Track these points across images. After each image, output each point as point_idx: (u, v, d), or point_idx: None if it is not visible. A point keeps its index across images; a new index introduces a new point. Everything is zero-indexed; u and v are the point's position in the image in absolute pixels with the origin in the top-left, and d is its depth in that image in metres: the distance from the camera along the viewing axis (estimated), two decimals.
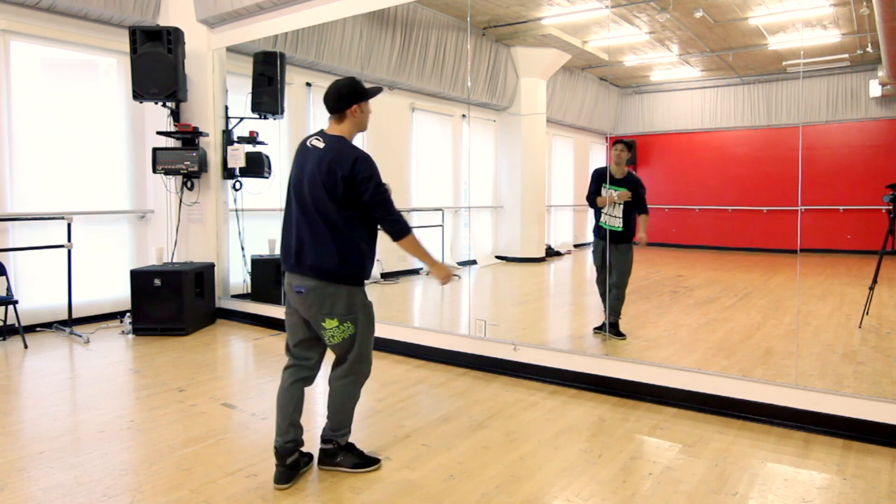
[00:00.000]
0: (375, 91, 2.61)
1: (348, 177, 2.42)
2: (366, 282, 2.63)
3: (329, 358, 2.71)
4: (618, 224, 4.81)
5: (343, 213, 2.46)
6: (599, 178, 4.91)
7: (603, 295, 4.91)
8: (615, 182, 4.82)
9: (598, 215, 4.93)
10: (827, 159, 7.27)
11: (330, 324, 2.49)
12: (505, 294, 7.55)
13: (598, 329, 4.94)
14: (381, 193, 2.48)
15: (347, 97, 2.53)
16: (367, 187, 2.44)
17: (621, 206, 4.80)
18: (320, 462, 2.69)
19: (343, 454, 2.67)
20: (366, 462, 2.69)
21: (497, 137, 9.22)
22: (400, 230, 2.52)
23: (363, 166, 2.44)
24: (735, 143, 7.98)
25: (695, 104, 8.22)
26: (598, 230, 4.93)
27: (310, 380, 2.67)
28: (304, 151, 2.57)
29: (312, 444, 2.84)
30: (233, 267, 6.28)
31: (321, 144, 2.51)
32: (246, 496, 2.46)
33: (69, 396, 3.70)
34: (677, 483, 2.57)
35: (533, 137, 8.75)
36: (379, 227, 2.58)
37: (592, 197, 4.95)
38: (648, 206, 4.91)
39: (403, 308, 6.63)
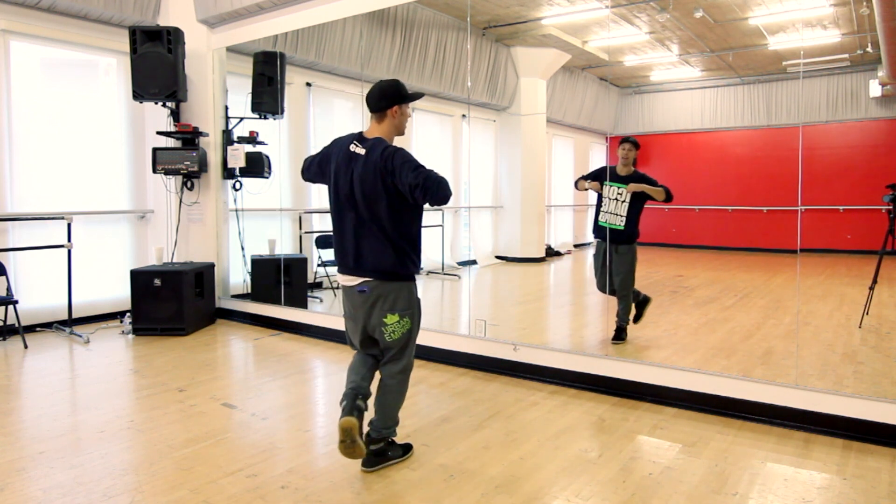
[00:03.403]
0: (417, 95, 2.70)
1: (391, 172, 2.49)
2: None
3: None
4: (620, 223, 4.56)
5: (395, 215, 2.56)
6: (602, 172, 4.67)
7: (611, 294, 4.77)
8: (619, 179, 4.59)
9: (597, 213, 4.69)
10: (827, 159, 7.27)
11: (391, 319, 2.60)
12: (505, 294, 7.55)
13: (616, 340, 4.70)
14: (423, 171, 2.50)
15: (390, 97, 2.60)
16: (407, 174, 2.48)
17: (626, 204, 4.55)
18: (371, 465, 2.68)
19: (390, 448, 2.76)
20: (406, 447, 2.83)
21: (497, 137, 9.21)
22: (449, 194, 2.55)
23: (398, 157, 2.52)
24: (735, 143, 7.97)
25: (695, 104, 8.21)
26: (599, 230, 4.68)
27: (377, 360, 2.79)
28: (348, 157, 2.60)
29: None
30: (233, 267, 6.28)
31: (362, 151, 2.57)
32: (246, 496, 2.46)
33: (69, 396, 3.70)
34: (677, 483, 2.57)
35: (533, 137, 8.74)
36: (430, 204, 2.55)
37: (579, 180, 4.76)
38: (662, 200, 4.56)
39: None
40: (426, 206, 2.60)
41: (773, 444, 2.98)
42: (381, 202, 2.54)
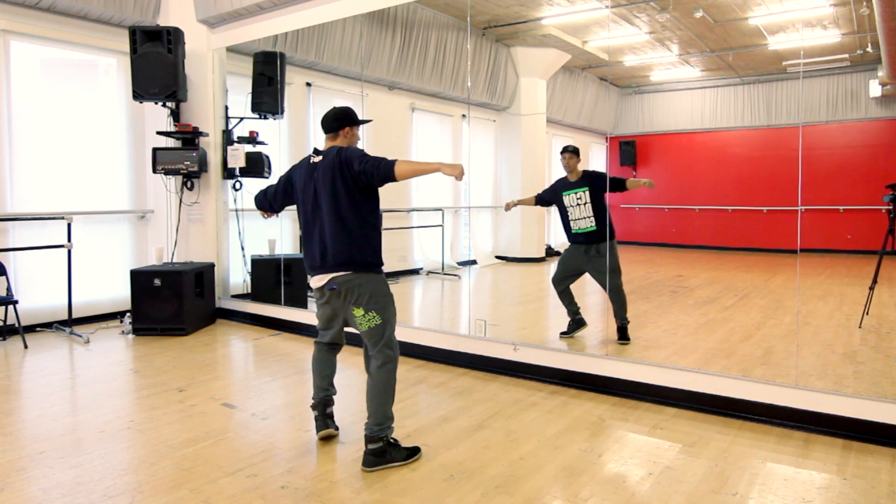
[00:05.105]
0: (366, 121, 3.05)
1: (347, 163, 2.75)
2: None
3: (354, 352, 2.78)
4: (590, 224, 4.71)
5: (354, 206, 2.76)
6: (556, 186, 4.92)
7: (560, 296, 4.87)
8: (572, 186, 4.80)
9: (566, 226, 4.85)
10: (827, 159, 7.27)
11: (357, 312, 2.76)
12: (505, 294, 7.55)
13: (565, 334, 4.86)
14: (367, 157, 2.74)
15: (342, 120, 2.94)
16: (355, 161, 2.73)
17: (588, 206, 4.71)
18: (370, 465, 2.68)
19: (391, 449, 2.74)
20: (412, 451, 2.81)
21: (497, 137, 9.21)
22: (388, 167, 2.67)
23: (350, 150, 2.82)
24: (735, 143, 7.97)
25: (695, 104, 8.21)
26: (574, 237, 4.82)
27: (338, 347, 3.07)
28: (310, 169, 2.87)
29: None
30: (233, 267, 6.28)
31: (319, 158, 2.86)
32: (246, 496, 2.46)
33: (69, 396, 3.71)
34: (677, 483, 2.57)
35: (533, 137, 8.74)
36: (379, 184, 2.77)
37: (537, 199, 5.09)
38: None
39: (403, 308, 6.62)
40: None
41: (773, 444, 2.98)
42: (341, 197, 2.74)
